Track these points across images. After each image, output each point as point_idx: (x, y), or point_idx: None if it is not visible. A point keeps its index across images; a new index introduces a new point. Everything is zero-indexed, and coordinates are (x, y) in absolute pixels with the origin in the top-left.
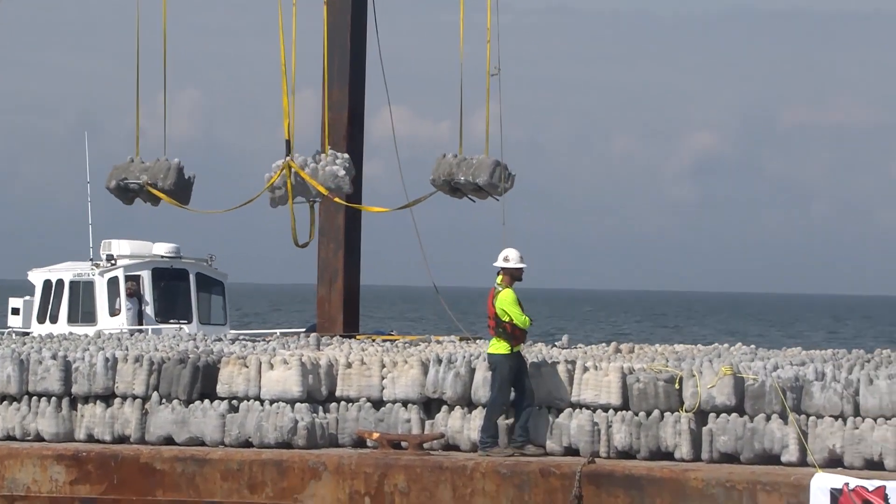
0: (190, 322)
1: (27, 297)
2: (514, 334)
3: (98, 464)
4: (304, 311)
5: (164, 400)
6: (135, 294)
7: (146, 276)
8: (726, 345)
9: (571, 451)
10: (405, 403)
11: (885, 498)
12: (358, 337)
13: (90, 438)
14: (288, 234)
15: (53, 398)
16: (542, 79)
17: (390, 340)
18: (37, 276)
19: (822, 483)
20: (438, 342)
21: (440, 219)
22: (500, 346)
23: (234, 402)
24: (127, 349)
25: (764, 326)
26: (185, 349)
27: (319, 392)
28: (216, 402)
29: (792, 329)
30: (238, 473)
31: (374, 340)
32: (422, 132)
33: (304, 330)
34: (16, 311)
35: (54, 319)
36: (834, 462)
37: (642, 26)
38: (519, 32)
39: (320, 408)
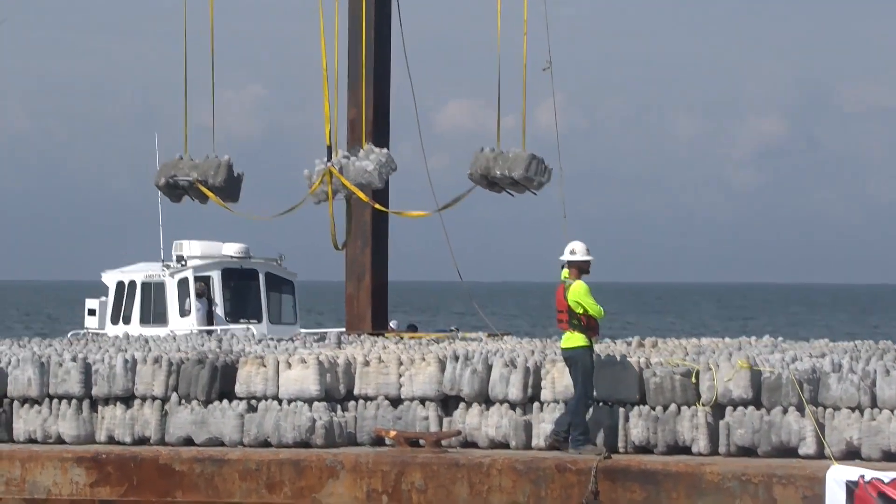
0: (260, 322)
1: (103, 298)
2: (589, 326)
3: (118, 465)
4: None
5: (183, 401)
6: (204, 294)
7: (216, 276)
8: (753, 337)
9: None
10: (423, 401)
11: None
12: (387, 335)
13: (111, 440)
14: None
15: (74, 400)
16: (600, 61)
17: (417, 338)
18: (110, 278)
19: (838, 475)
20: (465, 339)
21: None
22: (577, 340)
23: (253, 401)
24: (149, 350)
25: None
26: (204, 350)
27: (338, 391)
28: (234, 402)
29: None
30: (256, 473)
31: (401, 338)
32: (488, 125)
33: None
34: (92, 313)
35: (127, 320)
36: (851, 454)
37: (705, 4)
38: (578, 19)
39: (338, 406)
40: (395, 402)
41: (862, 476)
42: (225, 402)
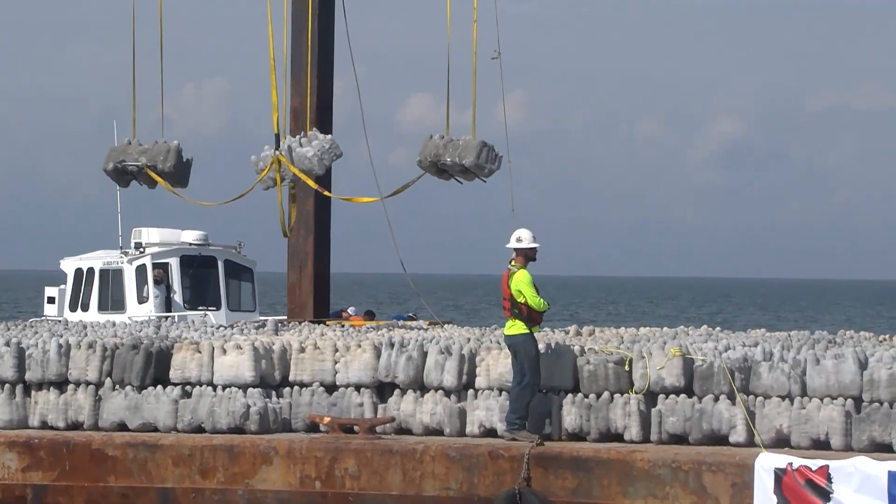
0: (219, 309)
1: (62, 286)
2: (530, 316)
3: (50, 450)
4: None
5: (117, 386)
6: (162, 281)
7: (174, 263)
8: (692, 327)
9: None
10: (358, 388)
11: (828, 477)
12: (327, 323)
13: (44, 425)
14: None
15: (7, 385)
16: (570, 66)
17: (358, 325)
18: (68, 265)
19: (766, 463)
20: (403, 327)
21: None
22: (518, 327)
23: (187, 387)
24: (84, 335)
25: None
26: (140, 335)
27: (273, 377)
28: (169, 387)
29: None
30: (189, 459)
31: (342, 325)
32: (451, 118)
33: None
34: (51, 300)
35: (85, 307)
36: (781, 442)
37: (668, 14)
38: (548, 21)
39: (273, 393)
40: (331, 388)
41: (790, 463)
42: (159, 387)
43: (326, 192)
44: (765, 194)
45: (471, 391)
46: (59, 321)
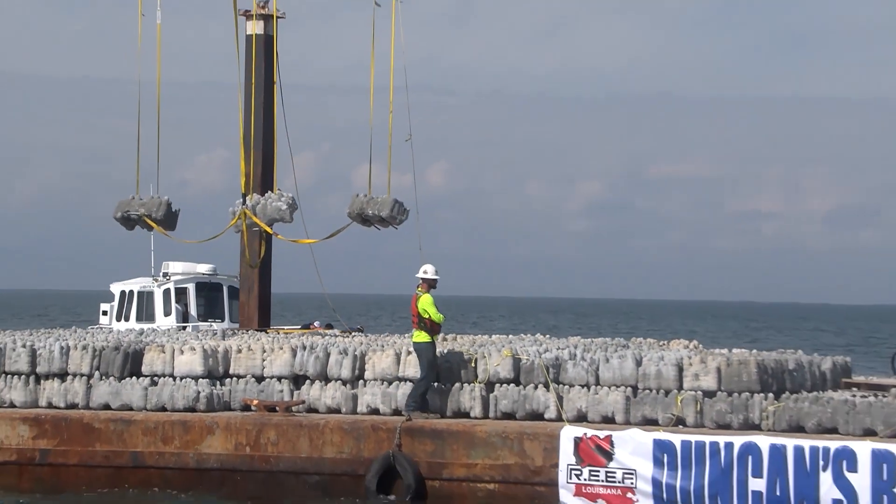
0: (223, 321)
1: (112, 303)
2: (432, 328)
3: (53, 424)
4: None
5: (103, 377)
6: (182, 300)
7: (191, 287)
8: (529, 335)
9: (398, 412)
10: (279, 378)
11: (611, 443)
12: (269, 330)
13: (49, 405)
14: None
15: (23, 376)
16: (478, 140)
17: (287, 333)
18: (116, 288)
19: (568, 433)
20: (321, 334)
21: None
22: (423, 336)
23: (155, 378)
24: (83, 339)
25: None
26: (123, 340)
27: (217, 371)
28: (141, 378)
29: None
30: (154, 430)
31: (277, 332)
32: (392, 181)
33: (300, 326)
34: (105, 313)
35: (127, 319)
36: (581, 418)
37: (552, 104)
38: (464, 108)
39: (218, 382)
40: (260, 379)
41: (585, 433)
42: (134, 378)
43: (279, 235)
44: (618, 235)
45: (361, 381)
46: (110, 328)
